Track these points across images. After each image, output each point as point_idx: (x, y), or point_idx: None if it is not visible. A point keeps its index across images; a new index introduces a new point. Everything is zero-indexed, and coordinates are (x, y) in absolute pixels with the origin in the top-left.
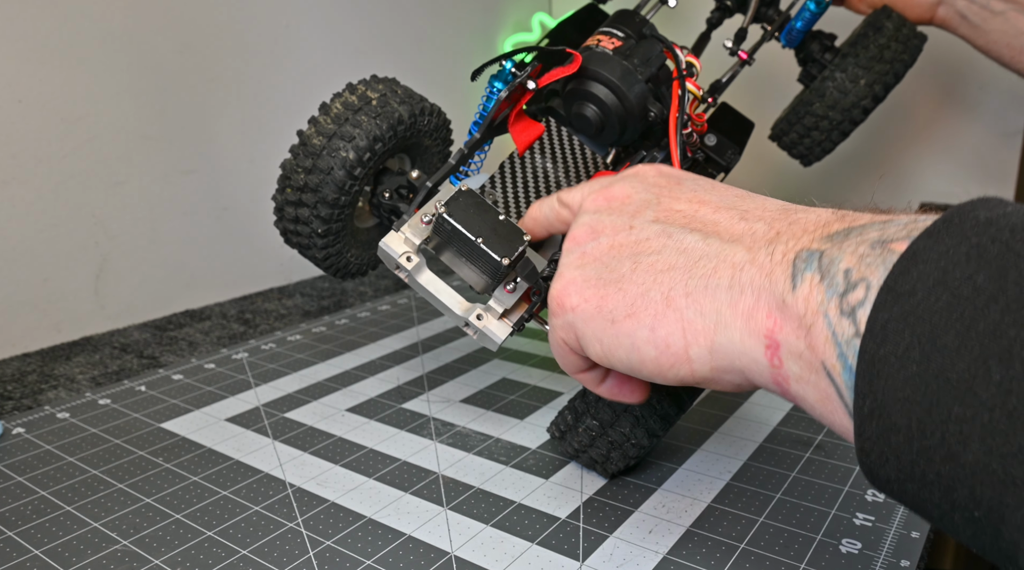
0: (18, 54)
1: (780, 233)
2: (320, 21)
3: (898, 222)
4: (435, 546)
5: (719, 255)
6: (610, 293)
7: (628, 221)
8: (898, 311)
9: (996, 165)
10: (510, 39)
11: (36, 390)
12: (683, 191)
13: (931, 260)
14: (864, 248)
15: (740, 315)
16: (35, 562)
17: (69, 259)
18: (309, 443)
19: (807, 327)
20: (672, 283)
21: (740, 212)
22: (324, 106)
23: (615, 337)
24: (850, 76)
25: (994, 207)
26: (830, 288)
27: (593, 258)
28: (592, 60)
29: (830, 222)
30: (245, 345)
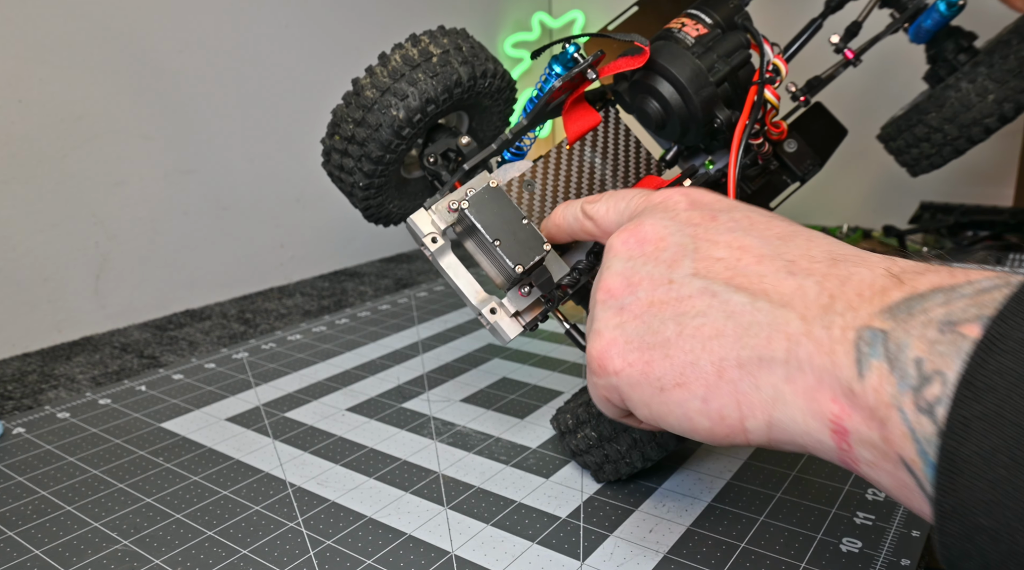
0: (18, 54)
1: (834, 297)
2: (319, 21)
3: (963, 292)
4: (435, 546)
5: (772, 323)
6: (656, 359)
7: (666, 273)
8: (979, 409)
9: (996, 164)
10: (510, 38)
11: (36, 390)
12: (720, 233)
13: (1010, 350)
14: (932, 332)
15: (801, 394)
16: (35, 562)
17: (69, 259)
18: (309, 443)
19: (880, 420)
20: (723, 352)
21: (786, 263)
22: (383, 56)
23: (664, 405)
24: (977, 88)
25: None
26: (902, 380)
27: (633, 316)
28: (662, 53)
29: (887, 288)
30: (245, 345)
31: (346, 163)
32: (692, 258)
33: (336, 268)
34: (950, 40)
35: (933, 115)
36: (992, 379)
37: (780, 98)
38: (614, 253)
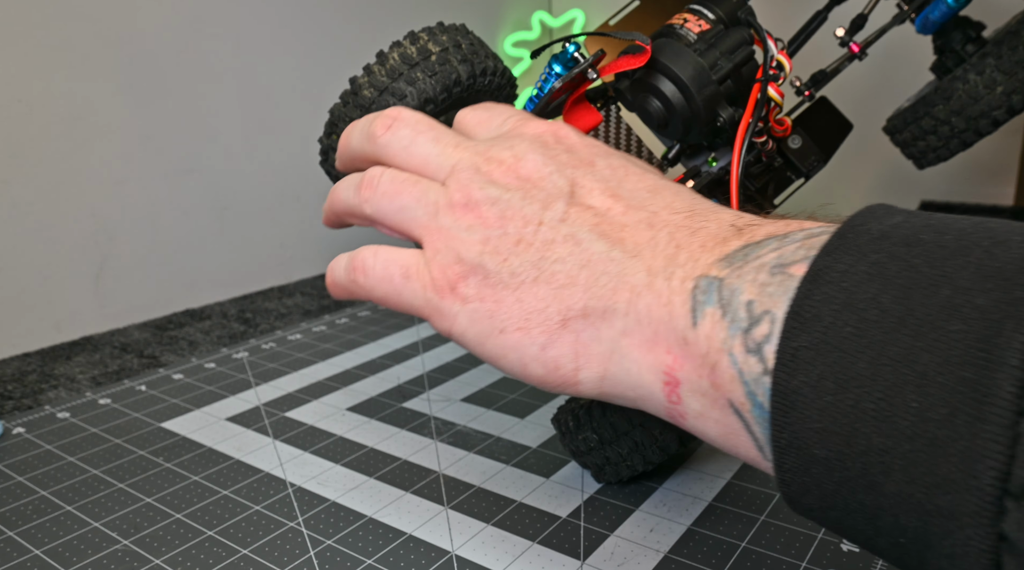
0: (18, 54)
1: (679, 247)
2: (319, 20)
3: (794, 238)
4: (436, 545)
5: (619, 273)
6: (507, 300)
7: (539, 213)
8: (807, 339)
9: (996, 163)
10: (510, 38)
11: (36, 390)
12: (596, 180)
13: (833, 280)
14: (764, 275)
15: (637, 347)
16: (35, 562)
17: (69, 258)
18: (309, 442)
19: (710, 365)
20: (571, 301)
21: (649, 214)
22: (381, 55)
23: (501, 347)
24: (986, 80)
25: (883, 218)
26: (733, 323)
27: (496, 251)
28: (664, 51)
29: (728, 238)
30: (245, 344)
31: None
32: (566, 202)
33: None
34: (958, 31)
35: (940, 108)
36: (818, 309)
37: (784, 95)
38: (485, 178)
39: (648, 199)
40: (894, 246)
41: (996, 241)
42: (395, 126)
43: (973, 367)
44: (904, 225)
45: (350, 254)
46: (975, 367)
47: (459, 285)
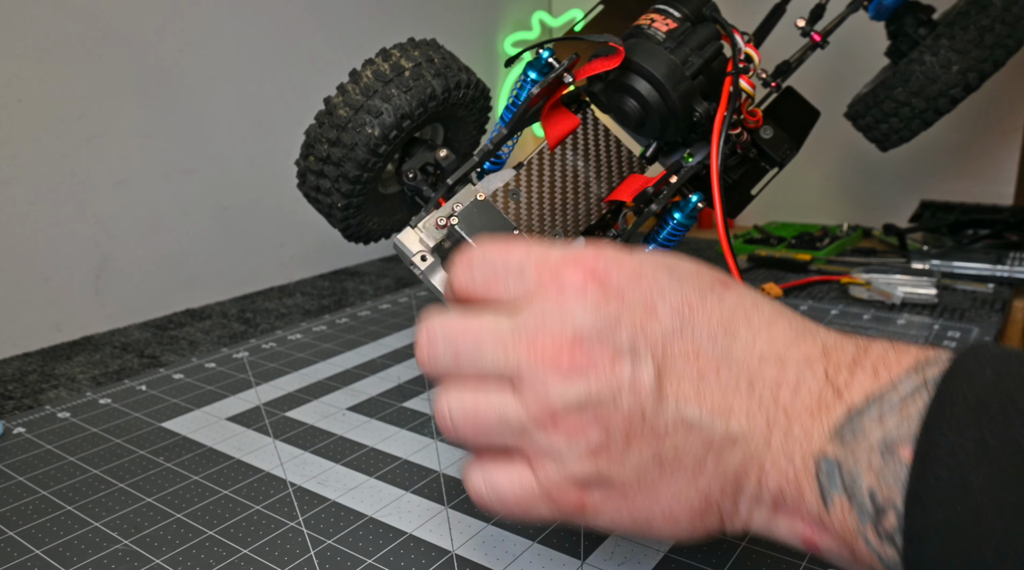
0: (18, 54)
1: (789, 415)
2: (319, 20)
3: (891, 403)
4: (436, 545)
5: (744, 453)
6: (640, 499)
7: (636, 403)
8: (930, 522)
9: (996, 162)
10: (510, 38)
11: (37, 390)
12: (669, 333)
13: (943, 462)
14: (876, 458)
15: (776, 516)
16: (36, 562)
17: (69, 259)
18: (310, 442)
19: (849, 545)
20: (708, 486)
21: (738, 370)
22: (354, 74)
23: (655, 535)
24: (941, 60)
25: (976, 376)
26: (862, 513)
27: (612, 458)
28: (637, 51)
29: (830, 404)
30: (245, 344)
31: (323, 184)
32: (654, 380)
33: (336, 267)
34: (909, 15)
35: (900, 90)
36: (932, 493)
37: (755, 86)
38: (558, 379)
39: (731, 347)
40: (994, 419)
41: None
42: (431, 351)
43: None
44: (998, 386)
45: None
46: None
47: (586, 503)
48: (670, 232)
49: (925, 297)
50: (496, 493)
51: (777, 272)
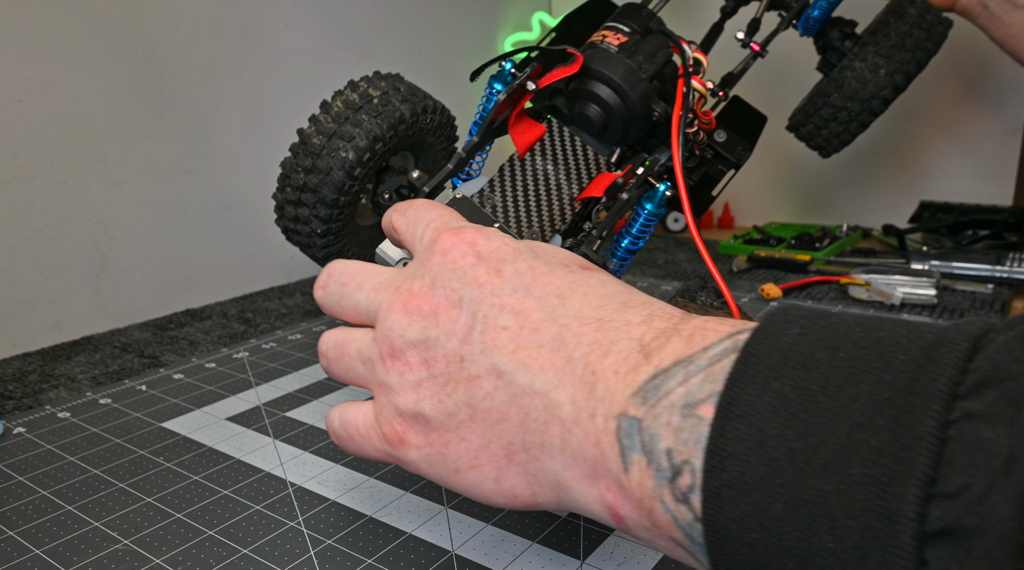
0: (19, 54)
1: (596, 374)
2: (320, 20)
3: (698, 365)
4: (436, 545)
5: (547, 407)
6: (452, 441)
7: (459, 349)
8: (727, 478)
9: (996, 163)
10: (510, 38)
11: (37, 390)
12: (505, 293)
13: (742, 414)
14: (676, 417)
15: (580, 480)
16: (36, 561)
17: (70, 259)
18: (310, 442)
19: (647, 510)
20: (510, 437)
21: (560, 328)
22: (325, 104)
23: (461, 484)
24: (870, 66)
25: (783, 332)
26: (659, 473)
27: (430, 395)
28: (594, 59)
29: (638, 365)
30: (246, 344)
31: (301, 213)
32: (481, 328)
33: None
34: (835, 29)
35: (835, 96)
36: (731, 447)
37: (707, 87)
38: (405, 320)
39: (558, 308)
40: (794, 371)
41: (885, 361)
42: (325, 283)
43: (877, 514)
44: (802, 342)
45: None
46: (879, 515)
47: (406, 436)
48: (642, 223)
49: (924, 298)
50: (344, 425)
51: (777, 272)
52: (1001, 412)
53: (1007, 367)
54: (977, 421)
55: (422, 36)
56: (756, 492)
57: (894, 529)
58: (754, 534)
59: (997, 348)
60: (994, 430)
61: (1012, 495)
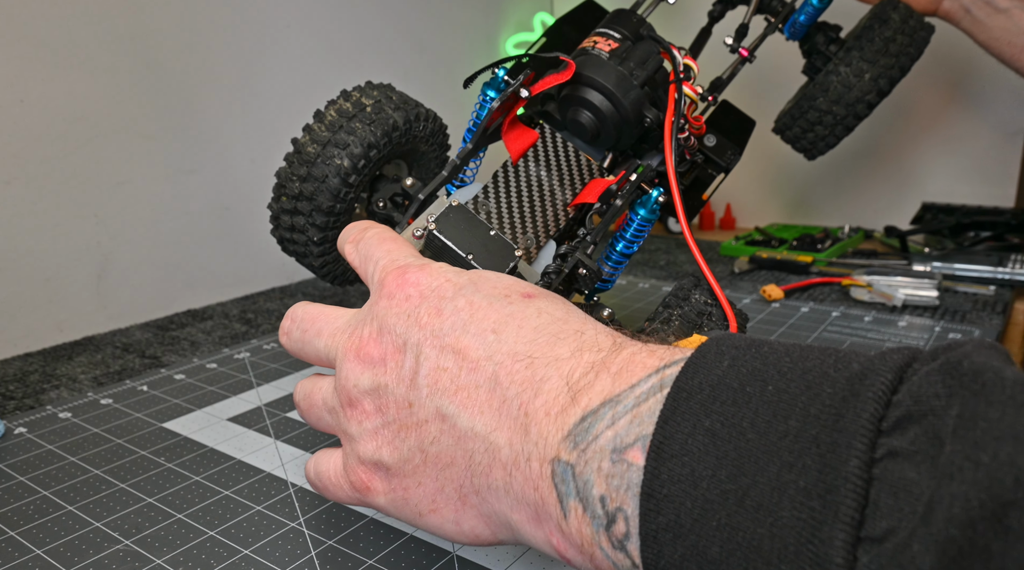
0: (20, 54)
1: (528, 415)
2: (321, 21)
3: (626, 405)
4: (436, 546)
5: (488, 450)
6: (411, 486)
7: (406, 394)
8: (663, 521)
9: (997, 165)
10: (511, 39)
11: (38, 390)
12: (445, 333)
13: (675, 454)
14: (607, 463)
15: (527, 523)
16: (37, 562)
17: (71, 259)
18: (311, 443)
19: (589, 555)
20: (459, 480)
21: (494, 368)
22: (319, 113)
23: (427, 526)
24: (854, 70)
25: (714, 365)
26: (595, 520)
27: (386, 441)
28: (587, 66)
29: (567, 407)
30: (247, 345)
31: (297, 222)
32: (424, 371)
33: None
34: (820, 34)
35: (821, 100)
36: (666, 489)
37: (698, 92)
38: (358, 369)
39: (493, 344)
40: (725, 407)
41: (812, 395)
42: (289, 329)
43: (808, 560)
44: (732, 375)
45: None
46: (810, 560)
47: (371, 483)
48: (636, 229)
49: (926, 299)
50: (319, 475)
51: (778, 274)
52: (923, 450)
53: (928, 401)
54: (900, 459)
55: (424, 36)
56: (692, 535)
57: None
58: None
59: (918, 381)
60: (917, 470)
61: (931, 546)
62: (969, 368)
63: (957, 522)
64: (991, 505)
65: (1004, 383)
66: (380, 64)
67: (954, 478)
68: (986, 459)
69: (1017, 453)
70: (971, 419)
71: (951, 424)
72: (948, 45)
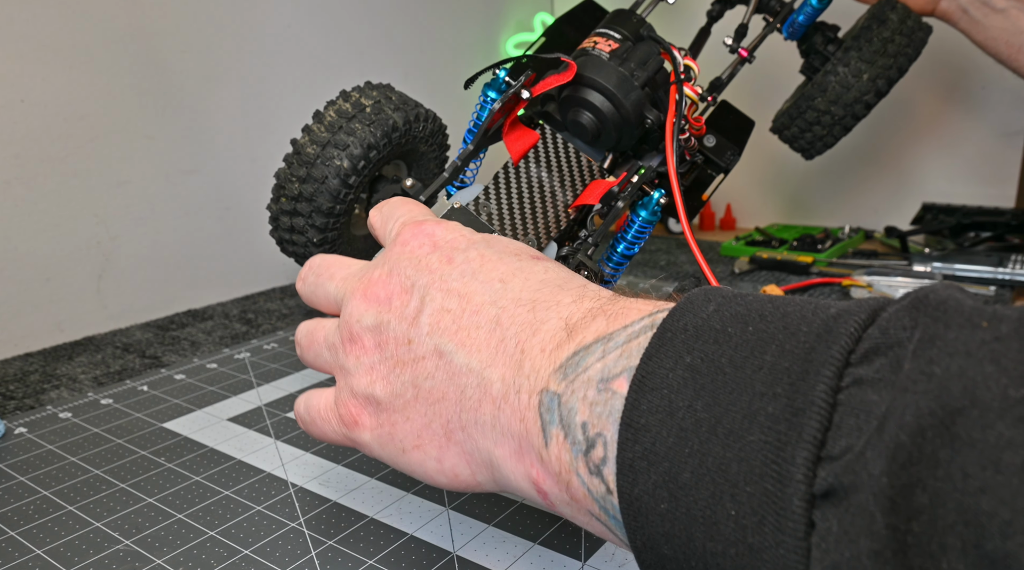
0: (20, 54)
1: (524, 351)
2: (322, 21)
3: (616, 342)
4: (437, 546)
5: (480, 385)
6: (399, 421)
7: (407, 331)
8: (639, 449)
9: (998, 165)
10: (512, 39)
11: (38, 390)
12: (453, 278)
13: (655, 387)
14: (592, 391)
15: (508, 458)
16: (37, 562)
17: (71, 259)
18: (311, 443)
19: (565, 483)
20: (448, 415)
21: (498, 310)
22: (318, 114)
23: (408, 464)
24: (852, 71)
25: (700, 308)
26: (574, 446)
27: (381, 377)
28: (588, 67)
29: (562, 342)
30: (247, 345)
31: (296, 223)
32: (428, 312)
33: None
34: (818, 34)
35: (819, 100)
36: (645, 419)
37: (698, 93)
38: (363, 306)
39: (499, 291)
40: (706, 345)
41: (789, 333)
42: (305, 275)
43: (771, 479)
44: (716, 317)
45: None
46: (773, 479)
47: (360, 417)
48: (637, 230)
49: None
50: (308, 408)
51: (779, 274)
52: (886, 377)
53: (895, 333)
54: (865, 386)
55: (424, 36)
56: (665, 462)
57: (785, 492)
58: (664, 504)
59: (887, 317)
60: (878, 393)
61: (883, 451)
62: (934, 299)
63: (908, 429)
64: (940, 413)
65: (963, 309)
66: (380, 64)
67: (907, 390)
68: (938, 371)
69: (968, 366)
70: (929, 340)
71: (913, 346)
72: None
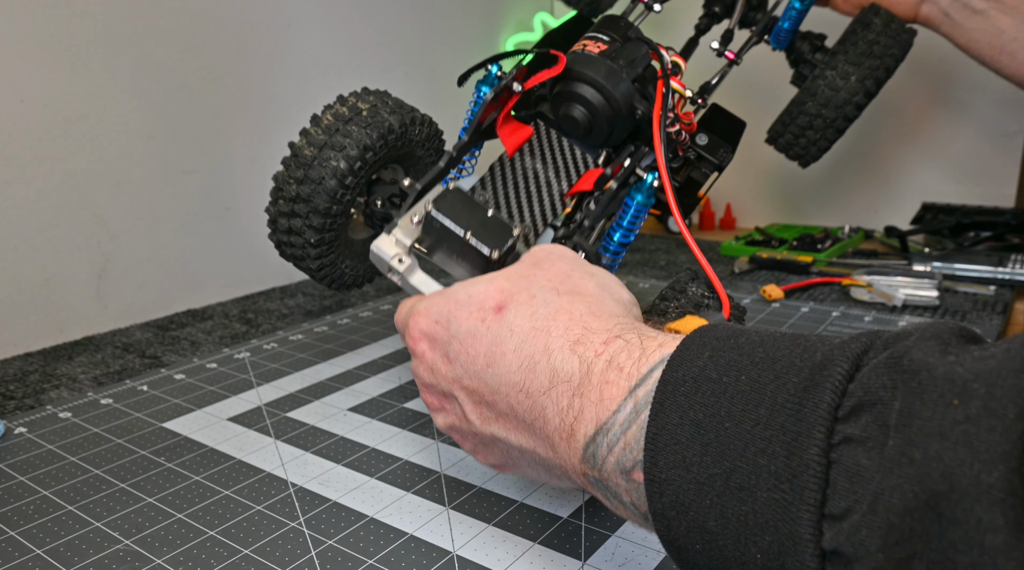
0: (20, 54)
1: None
2: (322, 21)
3: (615, 433)
4: (437, 545)
5: (537, 460)
6: (492, 460)
7: (469, 429)
8: (667, 501)
9: (997, 165)
10: (512, 39)
11: (38, 390)
12: (460, 377)
13: (667, 444)
14: (623, 482)
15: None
16: (37, 561)
17: (71, 259)
18: (311, 442)
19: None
20: (526, 468)
21: (504, 399)
22: (315, 118)
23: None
24: (840, 73)
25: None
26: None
27: (471, 447)
28: (577, 61)
29: (570, 436)
30: (247, 345)
31: (294, 224)
32: (466, 413)
33: None
34: (805, 43)
35: (810, 104)
36: (663, 474)
37: (686, 87)
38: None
39: (493, 379)
40: (705, 397)
41: (779, 384)
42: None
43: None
44: (711, 367)
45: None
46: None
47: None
48: (632, 215)
49: (926, 299)
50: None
51: (779, 274)
52: (873, 436)
53: (876, 392)
54: (854, 445)
55: (424, 35)
56: (692, 511)
57: (798, 547)
58: (699, 545)
59: (868, 373)
60: (868, 455)
61: (876, 530)
62: (909, 365)
63: (896, 511)
64: (924, 496)
65: (936, 382)
66: (381, 64)
67: (893, 472)
68: (918, 456)
69: (943, 449)
70: (908, 416)
71: (895, 418)
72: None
